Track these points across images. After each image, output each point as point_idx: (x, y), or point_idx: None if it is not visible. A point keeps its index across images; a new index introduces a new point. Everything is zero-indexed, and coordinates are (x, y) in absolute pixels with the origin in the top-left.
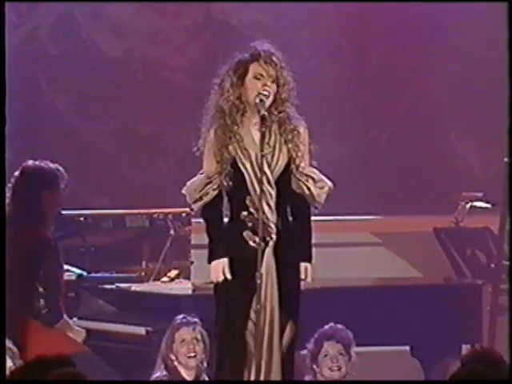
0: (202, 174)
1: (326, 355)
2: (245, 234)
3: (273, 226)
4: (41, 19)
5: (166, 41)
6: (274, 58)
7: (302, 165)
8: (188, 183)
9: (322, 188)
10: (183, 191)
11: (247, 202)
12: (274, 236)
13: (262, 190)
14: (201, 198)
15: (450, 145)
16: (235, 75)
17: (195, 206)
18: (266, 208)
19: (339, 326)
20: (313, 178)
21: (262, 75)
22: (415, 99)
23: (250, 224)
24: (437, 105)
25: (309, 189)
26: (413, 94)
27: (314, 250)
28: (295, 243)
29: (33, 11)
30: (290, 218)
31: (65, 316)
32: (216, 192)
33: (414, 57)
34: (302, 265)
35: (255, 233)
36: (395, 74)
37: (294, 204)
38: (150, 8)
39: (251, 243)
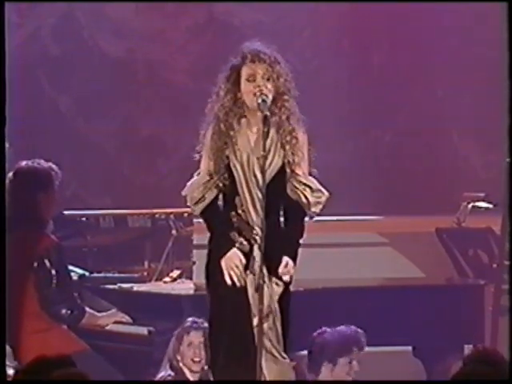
0: (198, 174)
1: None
2: (231, 234)
3: (258, 229)
4: (42, 19)
5: (168, 41)
6: (262, 55)
7: (299, 172)
8: (188, 184)
9: (318, 198)
10: (183, 193)
11: (236, 201)
12: (258, 238)
13: (250, 193)
14: (203, 198)
15: (451, 145)
16: (229, 82)
17: (197, 208)
18: (252, 211)
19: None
20: (310, 187)
21: (253, 76)
22: (417, 99)
23: (236, 224)
24: (438, 105)
25: (306, 198)
26: (415, 95)
27: (314, 250)
28: (282, 244)
29: (34, 11)
30: (282, 219)
31: (87, 309)
32: (216, 191)
33: (416, 57)
34: (284, 258)
35: (241, 233)
36: (397, 74)
37: (287, 207)
38: (151, 8)
39: (236, 244)
